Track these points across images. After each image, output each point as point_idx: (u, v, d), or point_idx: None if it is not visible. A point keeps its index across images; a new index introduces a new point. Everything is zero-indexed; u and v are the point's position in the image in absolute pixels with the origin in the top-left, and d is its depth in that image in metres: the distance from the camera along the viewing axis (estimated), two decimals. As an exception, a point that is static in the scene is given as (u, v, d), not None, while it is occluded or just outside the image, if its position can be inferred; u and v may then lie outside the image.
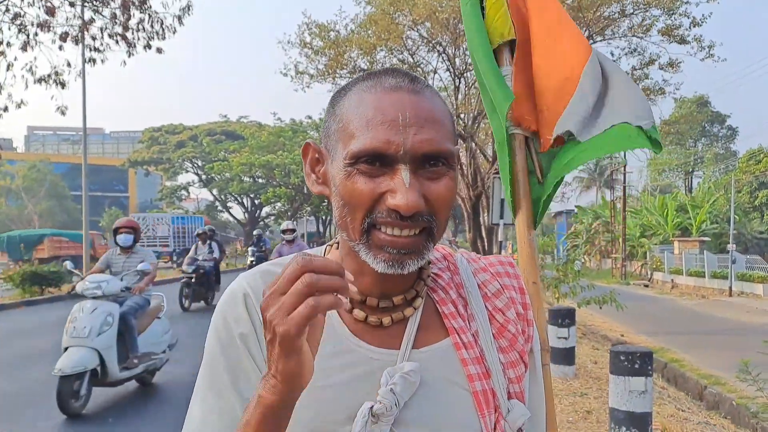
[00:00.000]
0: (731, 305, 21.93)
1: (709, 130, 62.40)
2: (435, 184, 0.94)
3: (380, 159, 0.92)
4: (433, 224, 0.94)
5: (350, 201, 0.94)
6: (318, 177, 1.05)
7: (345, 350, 0.99)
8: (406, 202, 0.89)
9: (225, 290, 1.06)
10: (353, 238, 0.96)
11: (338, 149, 0.97)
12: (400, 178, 0.90)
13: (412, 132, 0.91)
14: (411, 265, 0.94)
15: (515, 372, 1.05)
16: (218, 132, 53.60)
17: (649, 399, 4.94)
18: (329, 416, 0.96)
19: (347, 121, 0.96)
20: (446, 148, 0.94)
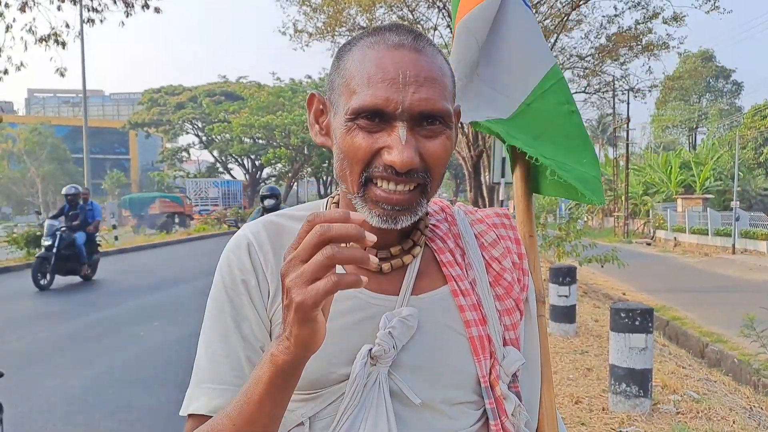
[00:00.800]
0: (734, 263, 22.01)
1: (714, 85, 61.81)
2: (431, 142, 0.96)
3: (379, 115, 0.94)
4: (427, 181, 0.97)
5: (349, 155, 0.97)
6: (321, 128, 1.08)
7: (345, 296, 1.01)
8: (401, 159, 0.91)
9: (230, 239, 1.10)
10: (351, 191, 0.99)
11: (340, 103, 0.99)
12: (396, 135, 0.93)
13: (410, 90, 0.93)
14: (404, 221, 0.97)
15: (511, 319, 1.08)
16: (218, 93, 53.23)
17: (649, 356, 4.97)
18: (330, 359, 0.99)
19: (350, 77, 0.98)
20: (443, 108, 0.95)
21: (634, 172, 40.80)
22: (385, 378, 0.98)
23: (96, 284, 13.21)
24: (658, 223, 34.26)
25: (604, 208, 42.27)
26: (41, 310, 10.13)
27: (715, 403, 5.28)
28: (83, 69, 21.91)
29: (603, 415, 4.93)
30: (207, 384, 1.02)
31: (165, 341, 7.82)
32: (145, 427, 4.99)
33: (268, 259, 1.04)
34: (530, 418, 1.11)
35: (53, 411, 5.33)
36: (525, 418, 1.08)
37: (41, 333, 8.36)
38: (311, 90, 1.12)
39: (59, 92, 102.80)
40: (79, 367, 6.65)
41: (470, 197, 17.36)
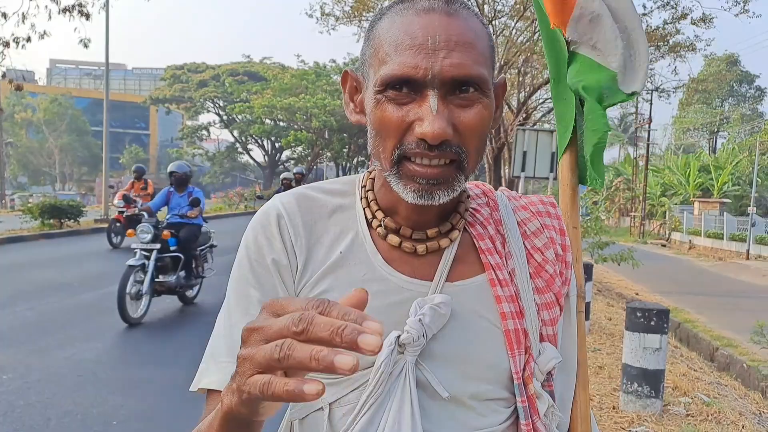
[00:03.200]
0: (748, 268, 21.82)
1: (737, 89, 61.14)
2: (465, 112, 0.90)
3: (408, 85, 0.88)
4: (462, 156, 0.90)
5: (380, 130, 0.91)
6: (356, 106, 1.02)
7: (377, 278, 0.97)
8: (432, 130, 0.85)
9: (259, 209, 1.05)
10: (385, 168, 0.93)
11: (370, 75, 0.94)
12: (427, 106, 0.87)
13: (441, 56, 0.87)
14: (441, 197, 0.91)
15: (550, 314, 1.02)
16: (241, 72, 53.28)
17: (663, 356, 4.93)
18: None
19: (378, 46, 0.93)
20: (478, 73, 0.89)
21: (653, 172, 40.53)
22: (412, 368, 0.93)
23: (109, 258, 13.28)
24: (675, 225, 34.03)
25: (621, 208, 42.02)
26: (53, 282, 10.20)
27: (726, 407, 5.24)
28: (107, 41, 21.95)
29: (613, 413, 4.90)
30: (223, 358, 0.96)
31: (176, 315, 7.86)
32: (154, 403, 5.01)
33: (298, 233, 1.00)
34: (563, 419, 1.06)
35: (62, 382, 5.36)
36: (557, 419, 1.02)
37: (55, 303, 8.42)
38: (335, 74, 1.06)
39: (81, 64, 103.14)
40: (92, 340, 6.69)
41: (488, 189, 17.26)
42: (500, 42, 17.04)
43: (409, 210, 0.98)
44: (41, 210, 18.21)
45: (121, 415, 4.70)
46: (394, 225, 1.00)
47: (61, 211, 18.55)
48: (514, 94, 18.92)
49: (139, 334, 7.05)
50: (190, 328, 7.36)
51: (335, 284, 0.97)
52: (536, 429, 0.98)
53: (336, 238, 1.01)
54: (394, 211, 1.00)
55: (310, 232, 1.01)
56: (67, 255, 13.50)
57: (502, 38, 17.40)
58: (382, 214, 1.01)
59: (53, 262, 12.35)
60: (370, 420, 0.92)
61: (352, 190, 1.07)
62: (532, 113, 19.29)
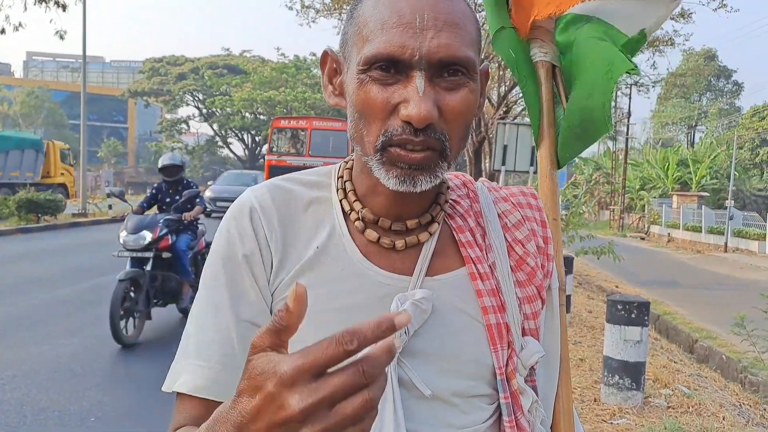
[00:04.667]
0: (725, 261, 22.07)
1: (715, 84, 61.73)
2: (451, 95, 0.87)
3: (394, 64, 0.85)
4: (446, 144, 0.87)
5: (364, 111, 0.88)
6: (335, 88, 0.99)
7: (354, 273, 0.94)
8: (419, 112, 0.82)
9: (233, 203, 1.01)
10: (367, 152, 0.90)
11: (353, 55, 0.90)
12: (413, 87, 0.84)
13: (429, 35, 0.84)
14: (423, 183, 0.88)
15: (532, 308, 0.99)
16: (220, 65, 52.85)
17: (643, 349, 4.95)
18: None
19: (362, 24, 0.89)
20: (465, 55, 0.86)
21: (632, 166, 40.85)
22: (393, 366, 0.90)
23: (87, 252, 13.14)
24: (653, 218, 34.36)
25: (601, 201, 42.33)
26: (32, 276, 10.07)
27: (706, 399, 5.28)
28: (84, 33, 21.67)
29: (595, 406, 4.91)
30: (192, 360, 0.94)
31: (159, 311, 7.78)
32: (133, 399, 4.96)
33: (272, 227, 0.96)
34: (545, 414, 1.03)
35: (37, 378, 5.29)
36: (541, 416, 1.00)
37: (31, 299, 8.31)
38: (315, 68, 1.03)
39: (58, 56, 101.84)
40: (69, 335, 6.62)
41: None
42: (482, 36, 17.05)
43: (389, 199, 0.95)
44: (18, 205, 17.96)
45: (99, 412, 4.64)
46: (372, 216, 0.97)
47: (38, 206, 18.30)
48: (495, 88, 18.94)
49: (117, 329, 6.97)
50: (168, 322, 7.28)
51: (312, 281, 0.94)
52: (520, 425, 0.96)
53: (312, 232, 0.97)
54: (372, 199, 0.97)
55: (285, 227, 0.97)
56: (45, 249, 13.34)
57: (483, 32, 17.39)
58: (360, 204, 0.97)
59: (30, 256, 12.18)
60: None
61: (328, 181, 1.03)
62: (512, 107, 19.32)
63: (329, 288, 0.93)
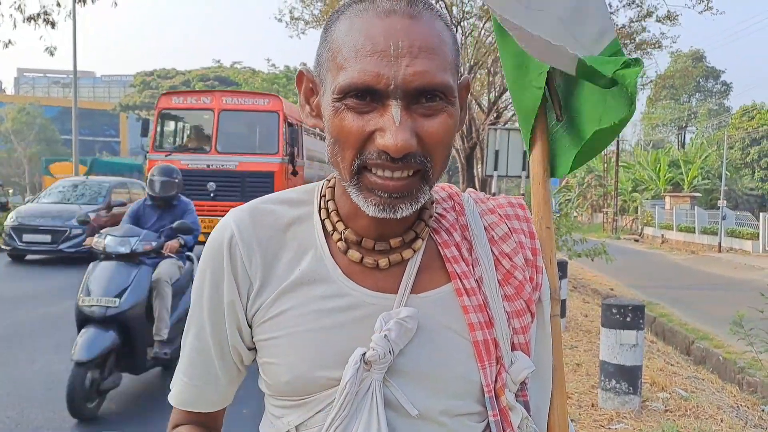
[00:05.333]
0: (720, 261, 22.13)
1: (704, 85, 62.04)
2: (429, 121, 0.85)
3: (370, 93, 0.83)
4: (427, 166, 0.86)
5: (339, 139, 0.87)
6: (312, 109, 0.97)
7: (337, 293, 0.93)
8: (395, 143, 0.81)
9: (215, 228, 1.00)
10: (344, 179, 0.89)
11: (328, 81, 0.89)
12: (389, 116, 0.82)
13: (404, 63, 0.82)
14: (404, 210, 0.87)
15: (521, 322, 0.97)
16: (211, 77, 53.00)
17: (639, 352, 4.93)
18: (318, 362, 0.91)
19: (337, 50, 0.87)
20: (442, 81, 0.84)
21: (624, 168, 40.97)
22: (379, 386, 0.89)
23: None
24: (647, 220, 34.45)
25: (594, 204, 42.43)
26: (21, 293, 9.99)
27: (704, 401, 5.26)
28: (74, 49, 21.64)
29: (592, 411, 4.89)
30: (181, 375, 1.03)
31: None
32: (128, 412, 4.91)
33: (251, 252, 0.95)
34: (539, 428, 1.01)
35: (32, 395, 5.24)
36: (533, 431, 0.98)
37: (21, 316, 8.24)
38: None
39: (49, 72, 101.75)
40: (60, 352, 6.54)
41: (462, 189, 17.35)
42: (469, 43, 17.12)
43: (371, 220, 0.93)
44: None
45: (95, 426, 4.59)
46: (355, 237, 0.95)
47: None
48: (485, 94, 19.00)
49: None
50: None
51: (295, 303, 0.93)
52: None
53: (294, 254, 0.96)
54: (354, 220, 0.95)
55: (265, 249, 0.96)
56: (37, 265, 13.26)
57: (471, 39, 17.47)
58: (343, 225, 0.96)
59: (21, 272, 12.10)
60: None
61: (311, 200, 1.01)
62: (503, 112, 19.38)
63: (312, 308, 0.92)
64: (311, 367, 0.91)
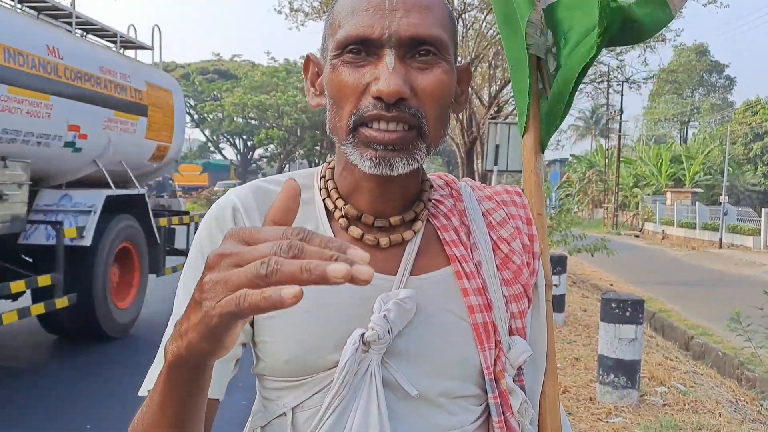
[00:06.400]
0: (720, 257, 22.12)
1: (707, 79, 61.88)
2: (423, 74, 0.87)
3: (365, 45, 0.86)
4: (422, 122, 0.87)
5: (337, 95, 0.89)
6: (316, 89, 0.99)
7: None
8: (388, 86, 0.83)
9: (215, 202, 1.00)
10: (341, 138, 0.90)
11: (329, 48, 0.91)
12: (384, 64, 0.85)
13: (398, 15, 0.86)
14: (400, 165, 0.87)
15: (518, 306, 0.98)
16: (210, 71, 52.79)
17: (638, 347, 4.94)
18: (317, 343, 0.90)
19: (336, 16, 0.91)
20: (435, 34, 0.87)
21: (625, 163, 40.90)
22: (378, 366, 0.89)
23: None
24: (647, 215, 34.42)
25: (594, 200, 42.40)
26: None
27: (702, 396, 5.27)
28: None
29: (590, 405, 4.89)
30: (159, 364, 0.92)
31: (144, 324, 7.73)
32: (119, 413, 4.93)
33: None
34: (534, 414, 1.02)
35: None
36: (530, 415, 0.99)
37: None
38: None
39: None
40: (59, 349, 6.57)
41: (462, 183, 17.33)
42: (470, 35, 17.07)
43: (371, 194, 0.94)
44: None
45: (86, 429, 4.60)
46: (356, 212, 0.95)
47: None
48: (486, 87, 18.97)
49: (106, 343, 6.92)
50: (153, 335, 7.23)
51: None
52: (509, 426, 0.94)
53: None
54: (355, 196, 0.96)
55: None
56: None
57: (472, 32, 17.43)
58: (343, 201, 0.96)
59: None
60: (336, 423, 0.88)
61: (311, 183, 1.02)
62: (503, 106, 19.35)
63: (311, 287, 0.90)
64: (311, 349, 0.90)
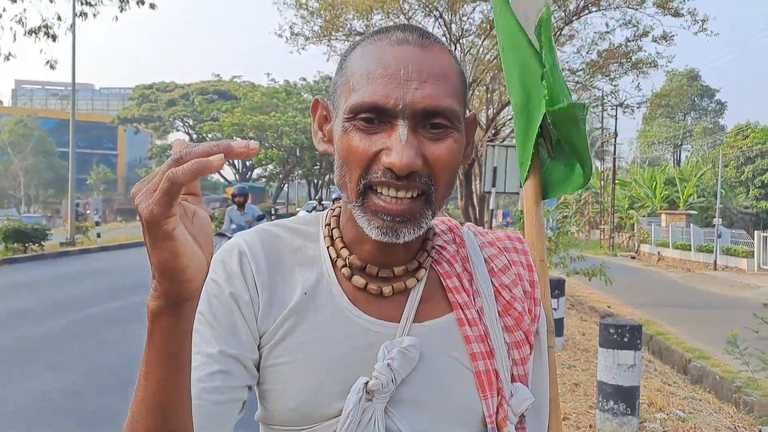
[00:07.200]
0: (716, 279, 22.12)
1: (699, 104, 62.50)
2: (435, 145, 0.87)
3: (379, 114, 0.86)
4: (431, 189, 0.88)
5: (347, 158, 0.89)
6: (324, 135, 1.00)
7: (342, 320, 0.93)
8: (401, 159, 0.83)
9: (221, 246, 1.01)
10: (350, 199, 0.90)
11: (341, 104, 0.91)
12: (396, 135, 0.85)
13: (413, 86, 0.85)
14: (406, 234, 0.88)
15: (520, 353, 0.99)
16: (210, 91, 53.02)
17: (637, 373, 4.93)
18: (322, 389, 0.91)
19: (350, 75, 0.91)
20: (449, 106, 0.87)
21: (621, 186, 41.06)
22: (381, 416, 0.89)
23: (75, 283, 13.03)
24: (643, 237, 34.47)
25: (591, 221, 42.50)
26: (17, 309, 9.95)
27: (701, 422, 5.25)
28: (73, 63, 21.70)
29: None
30: None
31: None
32: None
33: (260, 270, 0.95)
34: None
35: (23, 414, 5.20)
36: None
37: (18, 333, 8.20)
38: (306, 92, 1.03)
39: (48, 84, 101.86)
40: (56, 370, 6.52)
41: (461, 205, 17.38)
42: (468, 60, 17.20)
43: (375, 246, 0.94)
44: (5, 234, 17.83)
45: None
46: (360, 263, 0.96)
47: (25, 236, 18.16)
48: (483, 110, 19.08)
49: (106, 362, 6.88)
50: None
51: (301, 327, 0.93)
52: None
53: (300, 277, 0.97)
54: (359, 246, 0.96)
55: (273, 270, 0.96)
56: (32, 281, 13.22)
57: (469, 56, 17.57)
58: (347, 251, 0.97)
59: (17, 288, 12.06)
60: None
61: (316, 229, 1.02)
62: (501, 129, 19.46)
63: (317, 334, 0.92)
64: (316, 396, 0.90)
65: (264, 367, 0.94)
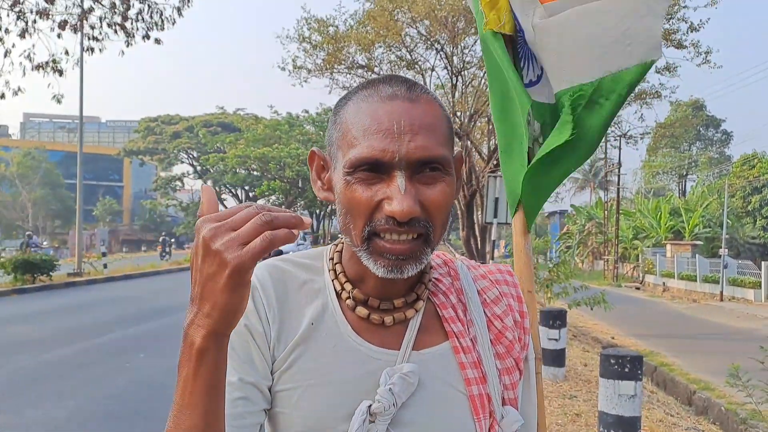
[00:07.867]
0: (722, 310, 21.98)
1: (704, 134, 62.38)
2: (430, 189, 0.96)
3: (377, 167, 0.94)
4: (429, 230, 0.96)
5: (351, 209, 0.97)
6: (323, 183, 1.07)
7: (346, 348, 1.02)
8: (402, 208, 0.91)
9: None
10: (356, 244, 0.98)
11: (339, 157, 0.99)
12: (396, 185, 0.93)
13: (407, 139, 0.93)
14: (410, 270, 0.96)
15: (510, 378, 1.08)
16: (214, 123, 53.43)
17: (638, 403, 4.95)
18: (327, 414, 0.98)
19: (346, 130, 0.99)
20: (440, 154, 0.96)
21: (625, 216, 40.96)
22: None
23: (82, 313, 13.09)
24: (648, 267, 34.29)
25: (595, 252, 42.34)
26: (25, 338, 10.01)
27: (703, 453, 5.25)
28: (81, 96, 22.00)
29: (591, 462, 4.89)
30: None
31: (151, 373, 7.74)
32: None
33: (271, 303, 1.03)
34: None
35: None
36: None
37: (24, 361, 8.25)
38: (308, 124, 1.12)
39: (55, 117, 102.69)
40: (63, 398, 6.57)
41: (462, 236, 17.37)
42: (469, 92, 17.36)
43: (377, 281, 1.03)
44: (14, 265, 17.95)
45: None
46: (362, 296, 1.04)
47: (33, 266, 18.28)
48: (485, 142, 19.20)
49: (113, 390, 6.92)
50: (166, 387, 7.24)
51: (307, 354, 1.01)
52: None
53: (307, 309, 1.05)
54: (361, 282, 1.05)
55: (282, 303, 1.04)
56: (39, 310, 13.28)
57: (471, 88, 17.73)
58: (351, 285, 1.06)
59: (24, 318, 12.12)
60: None
61: (321, 264, 1.11)
62: (504, 160, 19.54)
63: (323, 362, 1.01)
64: (321, 420, 0.98)
65: (274, 392, 1.02)
